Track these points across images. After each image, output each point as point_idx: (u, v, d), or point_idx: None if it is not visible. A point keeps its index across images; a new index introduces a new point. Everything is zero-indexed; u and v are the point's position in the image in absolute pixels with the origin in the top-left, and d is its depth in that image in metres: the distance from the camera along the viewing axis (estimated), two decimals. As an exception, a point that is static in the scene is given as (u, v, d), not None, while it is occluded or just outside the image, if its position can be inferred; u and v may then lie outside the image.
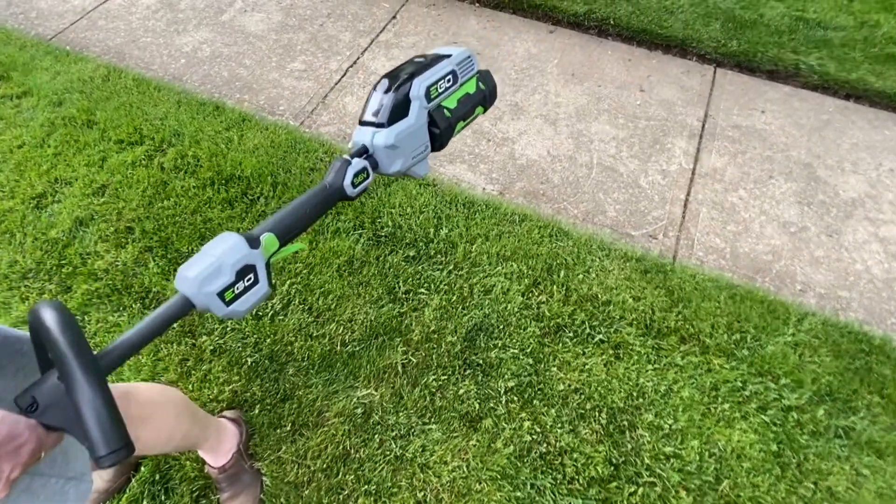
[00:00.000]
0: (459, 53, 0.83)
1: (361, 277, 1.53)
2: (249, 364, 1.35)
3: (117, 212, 1.67)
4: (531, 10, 2.55)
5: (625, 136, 2.09)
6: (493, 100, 0.90)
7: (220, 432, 1.14)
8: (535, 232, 1.70)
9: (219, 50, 2.44)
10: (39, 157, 1.82)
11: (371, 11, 2.64)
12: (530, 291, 1.53)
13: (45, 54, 2.26)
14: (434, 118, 0.78)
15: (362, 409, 1.28)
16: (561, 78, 2.32)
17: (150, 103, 2.06)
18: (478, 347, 1.40)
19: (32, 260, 1.55)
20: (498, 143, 2.08)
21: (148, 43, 2.47)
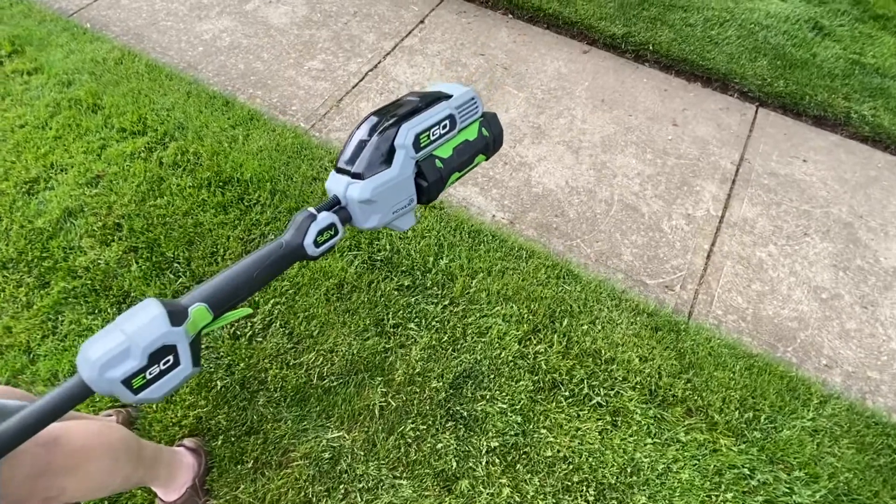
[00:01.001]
0: (462, 94, 0.72)
1: (350, 304, 1.44)
2: (219, 388, 1.27)
3: (108, 206, 1.61)
4: (566, 28, 2.42)
5: (651, 173, 1.95)
6: (497, 147, 0.78)
7: (174, 466, 1.05)
8: (542, 271, 1.58)
9: (238, 40, 2.36)
10: (39, 140, 1.77)
11: (399, 13, 2.54)
12: (528, 339, 1.42)
13: (62, 30, 2.21)
14: (422, 169, 0.67)
15: (330, 454, 1.19)
16: (590, 103, 2.18)
17: (160, 92, 1.99)
18: (464, 397, 1.29)
19: (15, 249, 1.49)
20: (514, 168, 1.96)
21: (168, 27, 2.41)
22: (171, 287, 1.44)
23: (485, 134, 0.74)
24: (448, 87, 0.73)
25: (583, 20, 2.36)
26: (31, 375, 1.28)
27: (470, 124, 0.73)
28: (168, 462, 1.03)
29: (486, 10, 2.57)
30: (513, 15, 2.53)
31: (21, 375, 1.28)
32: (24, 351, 1.31)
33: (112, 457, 0.80)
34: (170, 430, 1.20)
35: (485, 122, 0.75)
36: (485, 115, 0.76)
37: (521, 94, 2.22)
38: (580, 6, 2.40)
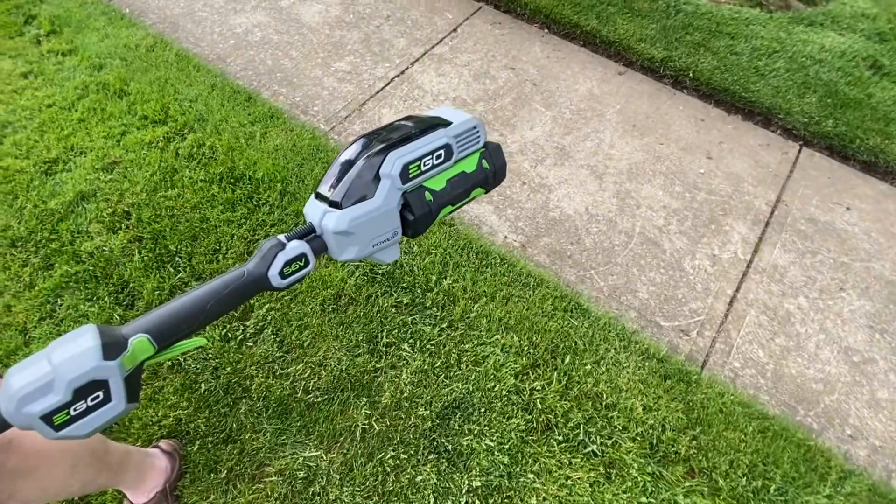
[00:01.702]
0: (463, 122, 0.66)
1: (344, 317, 1.39)
2: (202, 391, 1.24)
3: (120, 192, 1.61)
4: (603, 47, 2.33)
5: (678, 207, 1.84)
6: (498, 181, 0.72)
7: (143, 470, 1.03)
8: (549, 302, 1.50)
9: (269, 36, 2.37)
10: (64, 121, 1.80)
11: (432, 20, 2.50)
12: (526, 373, 1.35)
13: (101, 14, 2.26)
14: (409, 202, 0.62)
15: (305, 473, 1.14)
16: (620, 127, 2.09)
17: (186, 82, 2.00)
18: (450, 429, 1.23)
19: (26, 228, 1.51)
20: (533, 189, 1.89)
21: (203, 18, 2.44)
22: (169, 281, 1.43)
23: (485, 166, 0.68)
24: (450, 113, 0.68)
25: (621, 40, 2.27)
26: (23, 357, 1.29)
27: (469, 155, 0.67)
28: (137, 466, 1.00)
29: (521, 22, 2.51)
30: (548, 30, 2.46)
31: (14, 356, 1.28)
32: (21, 331, 1.32)
33: (70, 462, 0.78)
34: (149, 429, 1.18)
35: (486, 153, 0.69)
36: (487, 145, 0.70)
37: (548, 112, 2.14)
38: (620, 25, 2.31)
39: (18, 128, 1.78)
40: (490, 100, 2.16)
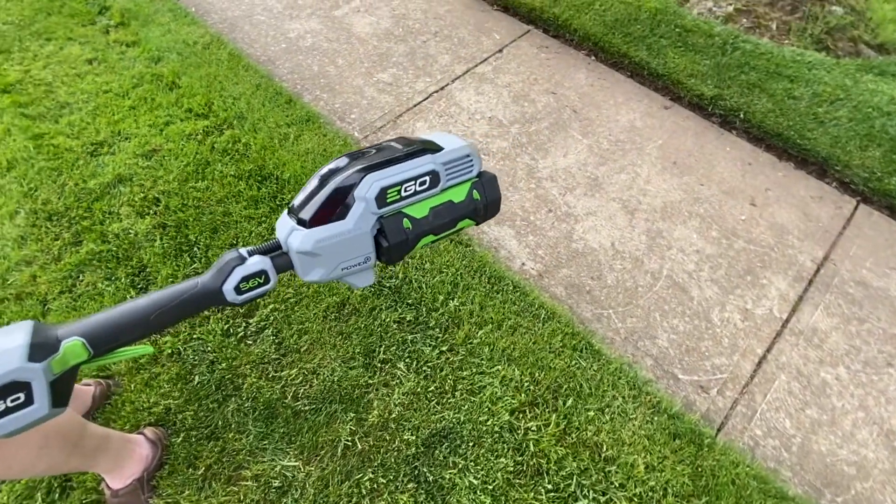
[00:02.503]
0: (455, 150, 0.63)
1: (345, 327, 1.38)
2: (195, 384, 1.25)
3: (154, 179, 1.68)
4: (651, 79, 2.25)
5: (712, 253, 1.73)
6: (490, 214, 0.68)
7: (122, 457, 1.03)
8: (559, 338, 1.43)
9: (319, 43, 2.44)
10: (116, 107, 1.90)
11: (479, 39, 2.50)
12: (523, 411, 1.27)
13: (167, 10, 2.40)
14: (385, 227, 0.58)
15: (281, 483, 1.12)
16: (659, 163, 2.00)
17: (233, 80, 2.08)
18: (434, 458, 1.18)
19: (64, 204, 1.60)
20: (559, 217, 1.82)
21: (261, 21, 2.55)
22: (184, 270, 1.46)
23: (475, 197, 0.64)
24: (445, 138, 0.65)
25: (670, 73, 2.18)
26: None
27: (459, 184, 0.64)
28: (116, 452, 1.01)
29: (569, 48, 2.47)
30: (596, 57, 2.41)
31: (32, 324, 1.34)
32: (41, 301, 1.38)
33: (40, 443, 0.78)
34: (138, 414, 1.19)
35: (479, 184, 0.65)
36: (481, 175, 0.66)
37: (585, 140, 2.08)
38: (671, 59, 2.22)
39: (75, 109, 1.90)
40: (526, 122, 2.12)
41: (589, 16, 2.42)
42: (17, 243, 1.49)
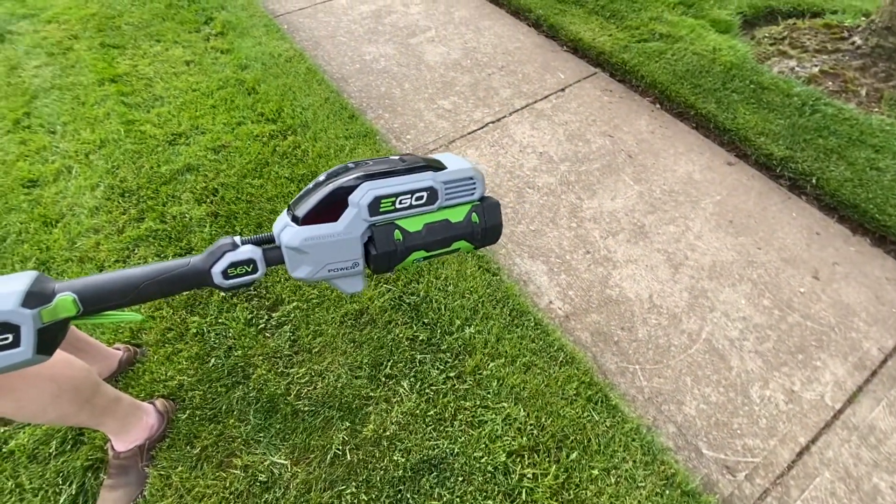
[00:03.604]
0: (458, 171, 0.63)
1: (359, 335, 1.39)
2: (210, 365, 1.30)
3: (217, 171, 1.82)
4: (716, 133, 2.16)
5: (761, 323, 1.58)
6: (489, 240, 0.67)
7: (129, 422, 1.09)
8: (573, 385, 1.35)
9: (390, 67, 2.58)
10: (200, 104, 2.11)
11: (543, 77, 2.53)
12: (521, 455, 1.21)
13: (262, 26, 2.65)
14: (374, 236, 0.59)
15: (266, 478, 1.13)
16: (713, 219, 1.89)
17: (305, 92, 2.24)
18: (420, 486, 1.14)
19: (137, 183, 1.77)
20: (596, 260, 1.76)
21: (341, 42, 2.74)
22: (224, 257, 1.56)
23: (474, 220, 0.64)
24: (451, 159, 0.65)
25: (739, 129, 2.08)
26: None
27: (458, 205, 0.64)
28: (124, 416, 1.07)
29: (633, 93, 2.43)
30: (660, 105, 2.35)
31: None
32: (99, 267, 1.52)
33: (53, 392, 0.85)
34: (154, 385, 1.26)
35: (479, 207, 0.65)
36: (483, 200, 0.66)
37: (636, 186, 2.01)
38: (741, 114, 2.12)
39: (165, 102, 2.13)
40: (577, 162, 2.10)
41: (659, 64, 2.38)
42: (91, 212, 1.67)
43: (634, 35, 2.55)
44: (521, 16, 2.94)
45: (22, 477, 1.10)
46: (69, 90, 2.21)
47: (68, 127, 2.02)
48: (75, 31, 2.61)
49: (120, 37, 2.55)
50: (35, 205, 1.69)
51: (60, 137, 1.97)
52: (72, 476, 1.10)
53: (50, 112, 2.09)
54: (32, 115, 2.07)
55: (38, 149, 1.91)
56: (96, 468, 1.12)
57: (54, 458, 1.13)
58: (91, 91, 2.19)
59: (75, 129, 2.00)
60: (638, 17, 2.66)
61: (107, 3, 2.83)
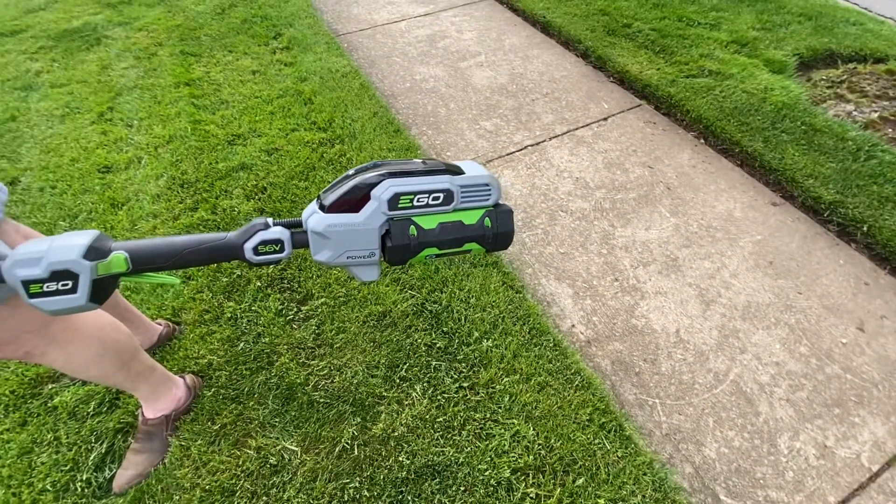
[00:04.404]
0: (476, 177, 0.67)
1: (379, 336, 1.44)
2: (239, 349, 1.38)
3: (268, 172, 1.95)
4: (761, 172, 2.10)
5: (795, 371, 1.51)
6: (500, 244, 0.70)
7: (160, 391, 1.17)
8: (587, 411, 1.33)
9: (438, 87, 2.69)
10: (260, 110, 2.28)
11: (587, 105, 2.56)
12: (526, 474, 1.20)
13: (324, 43, 2.84)
14: (391, 229, 0.64)
15: (276, 461, 1.17)
16: (751, 259, 1.83)
17: (356, 105, 2.38)
18: (421, 490, 1.15)
19: (196, 176, 1.92)
20: (624, 288, 1.74)
21: (395, 62, 2.89)
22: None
23: (486, 224, 0.68)
24: (471, 166, 0.70)
25: (786, 170, 2.02)
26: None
27: (472, 208, 0.67)
28: (155, 385, 1.15)
29: (677, 127, 2.41)
30: (705, 141, 2.32)
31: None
32: (153, 249, 1.65)
33: (98, 351, 0.93)
34: (187, 361, 1.35)
35: (493, 213, 0.68)
36: (497, 206, 0.69)
37: (672, 218, 1.98)
38: (790, 155, 2.06)
39: (230, 106, 2.31)
40: (613, 189, 2.09)
41: (706, 100, 2.36)
42: (153, 199, 1.83)
43: (683, 70, 2.55)
44: (570, 46, 3.00)
45: (61, 431, 1.20)
46: (149, 90, 2.44)
47: (143, 122, 2.23)
48: (161, 39, 2.89)
49: (198, 46, 2.80)
50: (106, 188, 1.87)
51: (136, 131, 2.18)
52: (104, 436, 1.19)
53: (130, 108, 2.32)
54: (115, 109, 2.31)
55: (115, 139, 2.12)
56: (126, 431, 1.21)
57: (91, 417, 1.23)
58: (167, 92, 2.42)
59: (149, 125, 2.21)
60: (688, 53, 2.65)
61: (191, 16, 3.13)
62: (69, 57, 2.72)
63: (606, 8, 3.14)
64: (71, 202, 1.82)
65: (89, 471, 1.13)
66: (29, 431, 1.19)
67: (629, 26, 2.95)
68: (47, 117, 2.26)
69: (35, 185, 1.89)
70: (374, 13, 3.41)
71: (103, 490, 1.11)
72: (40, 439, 1.18)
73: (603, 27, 2.97)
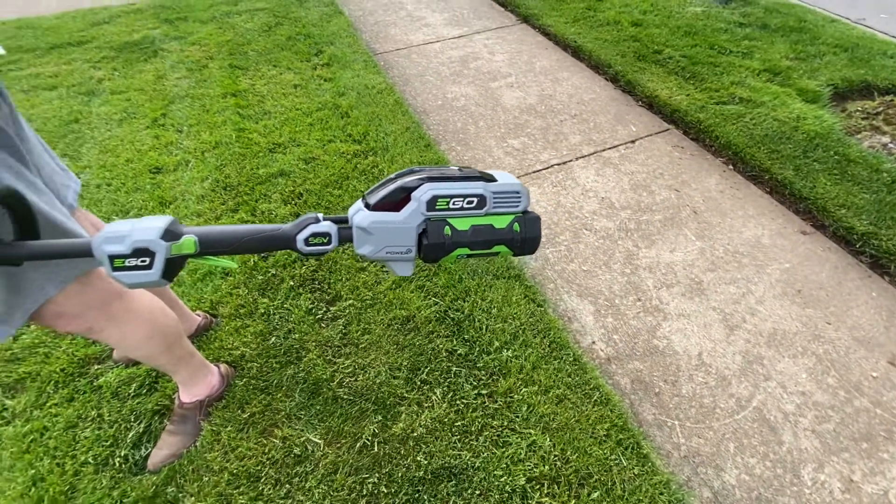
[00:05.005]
0: (507, 185, 0.72)
1: (402, 339, 1.48)
2: (270, 343, 1.45)
3: (304, 179, 2.06)
4: (791, 200, 2.09)
5: (822, 402, 1.48)
6: (528, 249, 0.75)
7: (197, 376, 1.24)
8: (604, 426, 1.34)
9: (469, 106, 2.78)
10: (300, 122, 2.40)
11: (614, 128, 2.60)
12: (541, 484, 1.21)
13: (362, 61, 2.98)
14: (428, 228, 0.70)
15: (300, 451, 1.22)
16: (779, 286, 1.81)
17: (390, 120, 2.48)
18: (437, 491, 1.17)
19: (238, 180, 2.04)
20: (647, 309, 1.74)
21: (429, 81, 3.01)
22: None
23: (515, 229, 0.72)
24: (503, 175, 0.75)
25: (817, 199, 2.00)
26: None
27: (503, 213, 0.72)
28: (193, 370, 1.22)
29: (706, 152, 2.42)
30: (733, 167, 2.32)
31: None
32: (195, 245, 1.76)
33: (149, 333, 1.01)
34: (221, 351, 1.43)
35: (521, 219, 0.73)
36: (525, 213, 0.74)
37: (698, 242, 1.99)
38: (821, 184, 2.05)
39: (272, 117, 2.45)
40: (639, 211, 2.11)
41: (736, 126, 2.37)
42: (197, 199, 1.94)
43: (713, 97, 2.57)
44: (599, 70, 3.06)
45: (104, 409, 1.28)
46: (198, 99, 2.61)
47: (192, 128, 2.38)
48: (212, 52, 3.09)
49: (245, 60, 2.98)
50: (156, 188, 2.01)
51: (185, 136, 2.33)
52: (142, 416, 1.27)
53: (181, 115, 2.48)
54: (168, 115, 2.47)
55: (166, 143, 2.28)
56: (162, 414, 1.28)
57: (131, 398, 1.31)
58: (215, 101, 2.58)
59: (198, 131, 2.36)
60: (718, 81, 2.67)
61: (240, 33, 3.33)
62: (128, 67, 2.94)
63: (637, 34, 3.20)
64: (124, 199, 1.95)
65: (127, 448, 1.20)
66: (75, 407, 1.28)
67: (659, 52, 2.99)
68: (106, 121, 2.44)
69: (93, 182, 2.03)
70: (411, 34, 3.56)
71: (139, 467, 1.18)
72: (85, 415, 1.26)
73: (633, 53, 3.03)
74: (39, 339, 1.43)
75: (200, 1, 3.83)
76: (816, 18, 3.37)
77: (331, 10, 3.69)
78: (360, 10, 3.93)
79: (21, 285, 0.77)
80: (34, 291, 0.78)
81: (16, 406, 1.27)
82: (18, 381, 1.33)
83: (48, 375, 1.34)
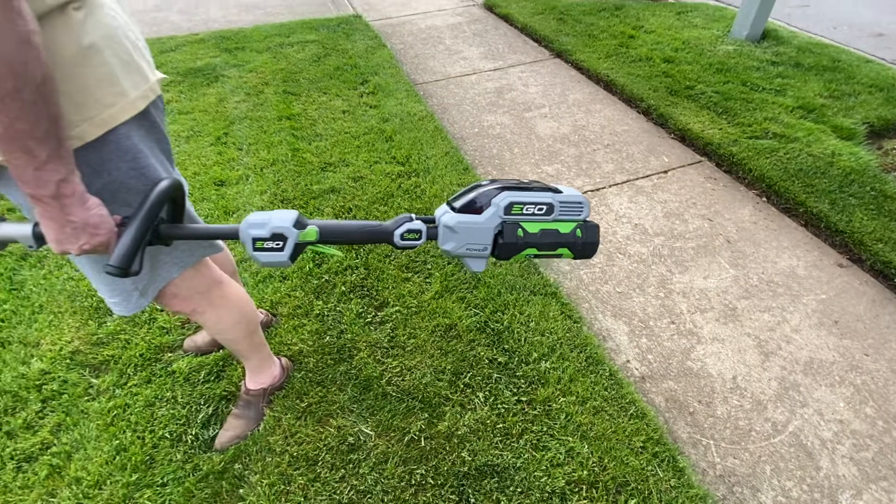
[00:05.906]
0: (571, 196, 0.83)
1: (446, 345, 1.57)
2: (325, 341, 1.56)
3: (353, 196, 2.21)
4: (827, 233, 2.12)
5: (860, 430, 1.49)
6: (587, 252, 0.85)
7: (265, 364, 1.36)
8: (641, 438, 1.39)
9: (504, 133, 2.93)
10: (348, 144, 2.58)
11: (647, 158, 2.70)
12: (579, 488, 1.26)
13: (404, 90, 3.19)
14: (503, 229, 0.80)
15: (353, 441, 1.31)
16: (815, 316, 1.83)
17: (430, 145, 2.64)
18: (481, 486, 1.23)
19: (293, 195, 2.21)
20: (680, 332, 1.79)
21: (466, 110, 3.18)
22: (333, 259, 1.87)
23: (578, 234, 0.83)
24: (568, 189, 0.86)
25: (853, 233, 2.03)
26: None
27: (568, 220, 0.83)
28: (262, 359, 1.34)
29: (739, 185, 2.49)
30: (767, 199, 2.37)
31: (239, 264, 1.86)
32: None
33: (237, 318, 1.13)
34: (282, 346, 1.54)
35: (583, 226, 0.83)
36: (586, 222, 0.84)
37: (732, 270, 2.03)
38: (858, 218, 2.08)
39: (323, 139, 2.64)
40: (672, 238, 2.18)
41: (770, 160, 2.44)
42: (258, 210, 2.11)
43: (746, 131, 2.65)
44: (632, 103, 3.19)
45: (177, 391, 1.40)
46: (256, 121, 2.83)
47: (251, 147, 2.59)
48: (267, 79, 3.36)
49: (297, 87, 3.23)
50: (220, 199, 2.19)
51: (245, 153, 2.54)
52: (211, 400, 1.38)
53: (241, 134, 2.70)
54: (229, 135, 2.70)
55: (228, 159, 2.48)
56: (228, 399, 1.39)
57: (201, 383, 1.42)
58: (271, 123, 2.80)
59: (256, 149, 2.56)
60: (751, 116, 2.76)
61: (292, 62, 3.61)
62: (193, 90, 3.21)
63: (669, 70, 3.33)
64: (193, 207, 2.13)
65: (197, 427, 1.31)
66: (152, 388, 1.40)
67: (692, 88, 3.10)
68: (175, 138, 2.67)
69: (164, 191, 2.23)
70: (449, 66, 3.78)
71: (207, 445, 1.28)
72: (161, 396, 1.38)
73: (665, 87, 3.15)
74: (121, 327, 1.57)
75: (256, 32, 4.16)
76: (850, 58, 3.44)
77: (375, 44, 3.96)
78: (401, 44, 4.19)
79: (156, 266, 0.91)
80: (164, 272, 0.92)
81: (101, 384, 1.41)
82: (103, 362, 1.47)
83: (129, 359, 1.47)
